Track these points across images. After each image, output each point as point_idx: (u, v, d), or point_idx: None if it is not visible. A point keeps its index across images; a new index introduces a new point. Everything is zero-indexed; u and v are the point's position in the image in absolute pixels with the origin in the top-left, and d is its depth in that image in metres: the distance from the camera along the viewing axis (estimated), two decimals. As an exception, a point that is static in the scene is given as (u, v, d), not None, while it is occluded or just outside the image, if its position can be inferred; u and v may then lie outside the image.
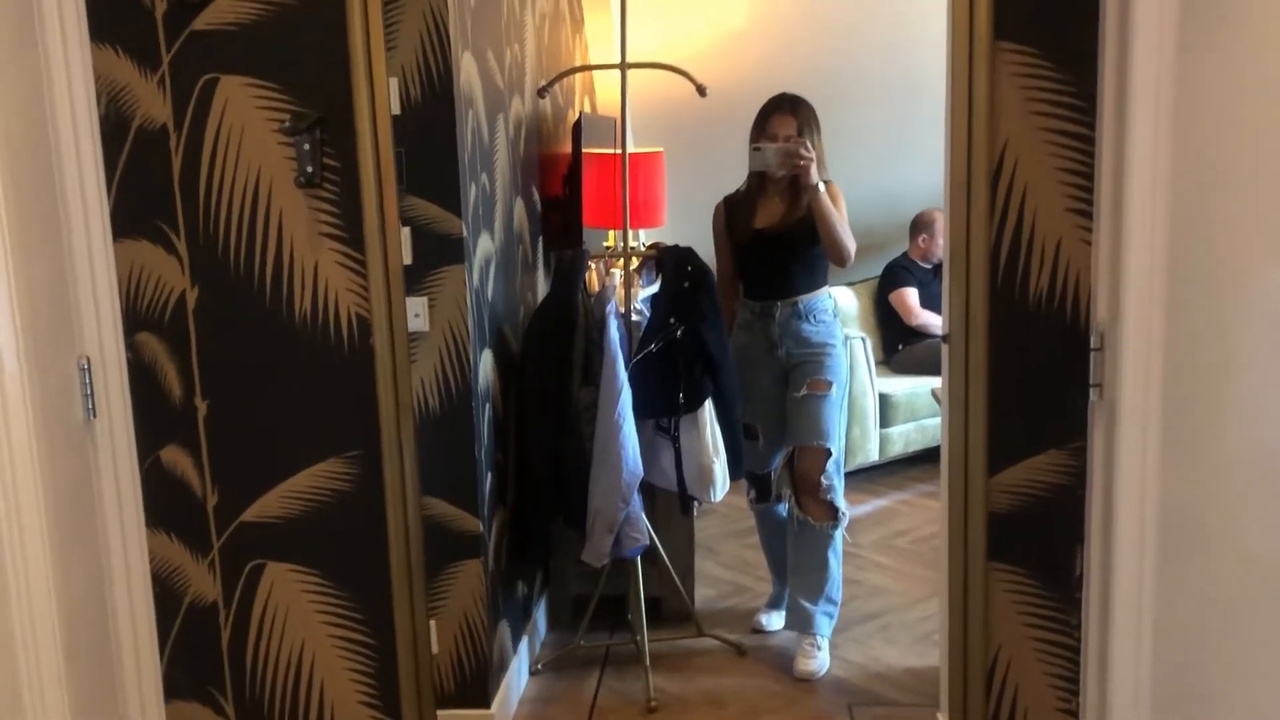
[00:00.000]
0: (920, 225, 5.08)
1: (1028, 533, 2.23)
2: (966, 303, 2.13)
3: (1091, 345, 2.02)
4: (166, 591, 2.42)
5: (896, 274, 5.10)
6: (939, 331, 2.32)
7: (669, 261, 3.03)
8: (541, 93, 3.30)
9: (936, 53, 2.25)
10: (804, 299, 3.12)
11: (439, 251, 2.42)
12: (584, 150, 3.49)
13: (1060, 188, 2.10)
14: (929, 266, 5.05)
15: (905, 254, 5.15)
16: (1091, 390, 2.03)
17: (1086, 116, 2.05)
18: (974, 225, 2.10)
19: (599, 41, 4.45)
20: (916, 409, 4.85)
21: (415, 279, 2.41)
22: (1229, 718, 1.66)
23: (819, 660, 3.07)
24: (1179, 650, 1.83)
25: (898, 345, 5.11)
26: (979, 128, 2.06)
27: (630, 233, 3.22)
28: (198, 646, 2.46)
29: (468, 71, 2.50)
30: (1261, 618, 1.56)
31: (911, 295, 5.02)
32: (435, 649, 2.53)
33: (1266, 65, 1.52)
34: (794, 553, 3.18)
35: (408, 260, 2.36)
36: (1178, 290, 1.79)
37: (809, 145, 2.95)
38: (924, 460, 4.87)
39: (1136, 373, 1.87)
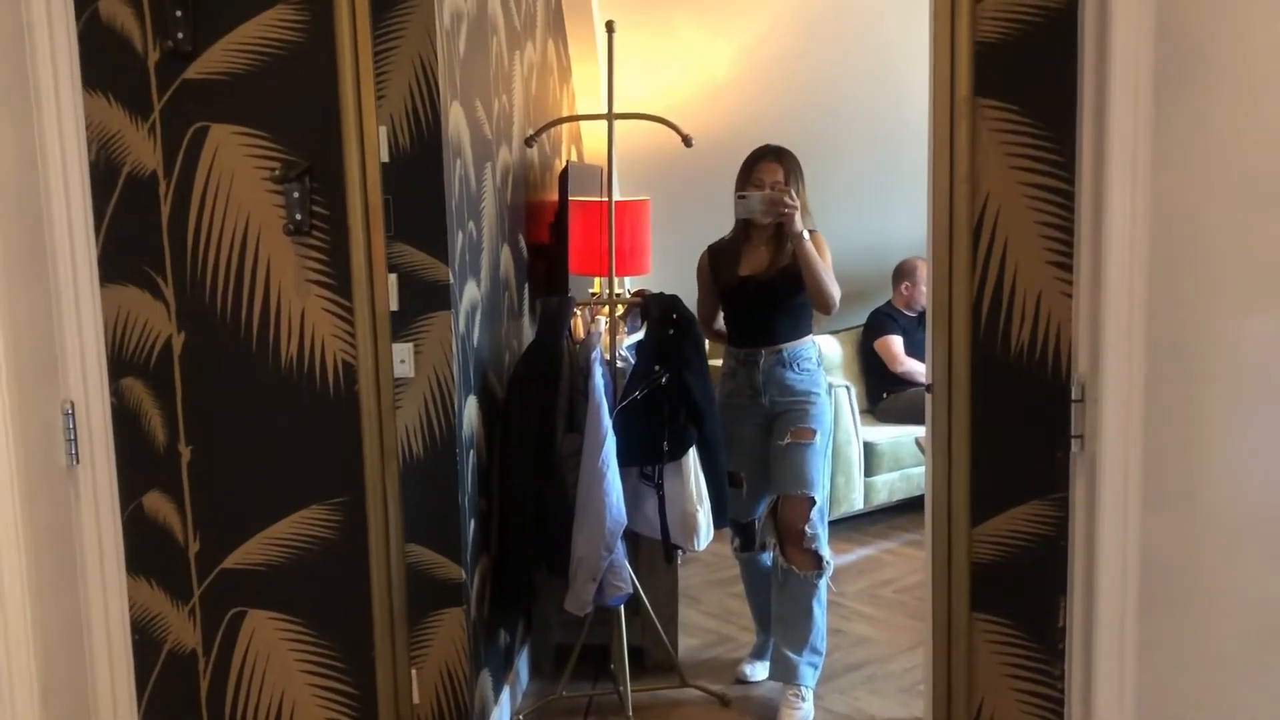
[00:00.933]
0: (903, 273, 5.12)
1: (1011, 583, 2.23)
2: (949, 354, 2.15)
3: (1072, 397, 2.04)
4: (146, 639, 2.39)
5: (880, 322, 5.13)
6: (923, 379, 2.35)
7: (654, 309, 3.05)
8: (529, 142, 3.34)
9: (918, 104, 2.29)
10: (788, 347, 3.14)
11: (426, 298, 2.43)
12: (570, 198, 3.52)
13: (1041, 241, 2.13)
14: (913, 314, 5.08)
15: (889, 302, 5.19)
16: (1073, 441, 2.05)
17: (1066, 172, 2.08)
18: (956, 278, 2.13)
19: (586, 92, 4.51)
20: (901, 457, 4.85)
21: (402, 325, 2.41)
22: (1212, 771, 1.66)
23: (803, 711, 3.05)
24: (1162, 702, 1.83)
25: (882, 394, 5.12)
26: (960, 182, 2.10)
27: (616, 280, 3.24)
28: (177, 695, 2.43)
29: (456, 121, 2.53)
30: (1243, 666, 1.57)
31: (896, 343, 5.05)
32: (416, 699, 2.51)
33: (1241, 121, 1.56)
34: (778, 602, 3.17)
35: (394, 306, 2.37)
36: (1157, 343, 1.81)
37: (794, 193, 2.99)
38: (909, 509, 4.87)
39: (1117, 424, 1.88)
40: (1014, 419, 2.18)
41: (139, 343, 2.33)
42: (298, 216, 2.23)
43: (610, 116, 3.15)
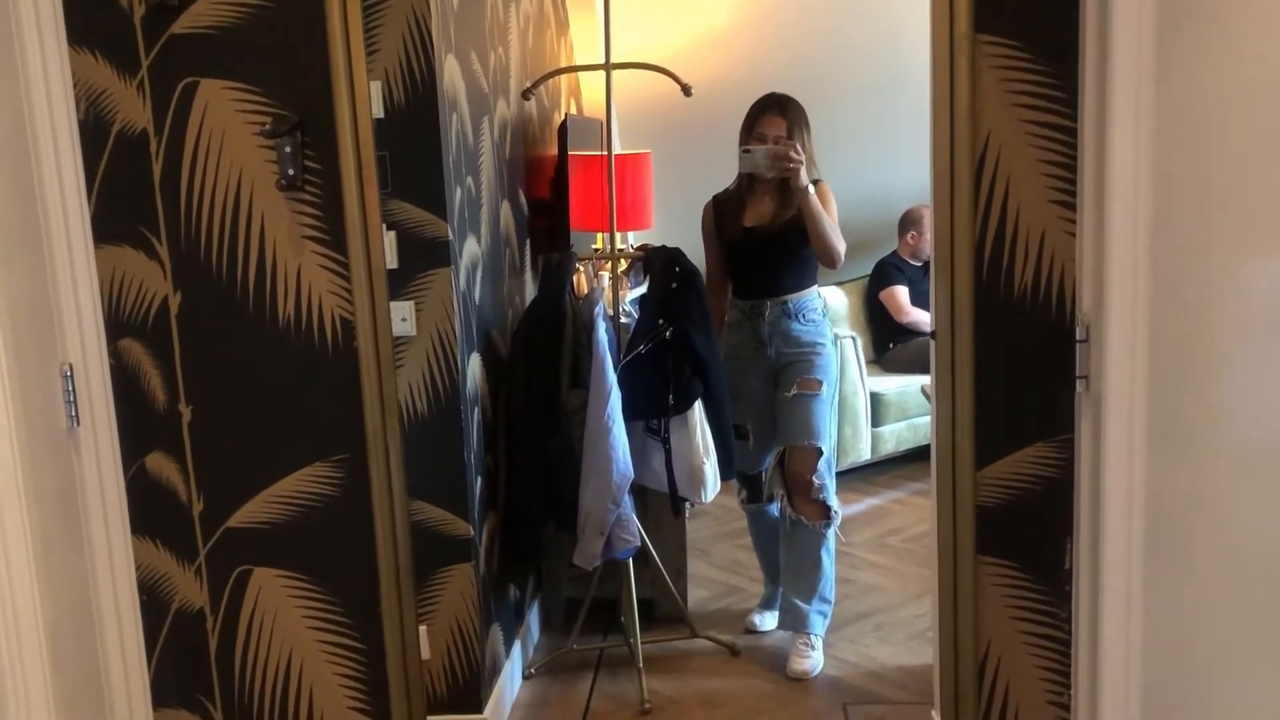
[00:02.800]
0: (908, 222, 5.08)
1: (1017, 526, 2.22)
2: (952, 298, 2.13)
3: (1077, 337, 2.01)
4: (153, 599, 2.40)
5: (886, 272, 5.10)
6: (929, 329, 2.33)
7: (657, 263, 3.02)
8: (526, 95, 3.29)
9: (919, 49, 2.25)
10: (793, 298, 3.12)
11: (425, 255, 2.41)
12: (570, 153, 3.49)
13: (1043, 180, 2.10)
14: (918, 264, 5.05)
15: (895, 252, 5.15)
16: (1078, 382, 2.02)
17: (1068, 109, 2.05)
18: (958, 220, 2.10)
19: (584, 43, 4.45)
20: (907, 407, 4.84)
21: (401, 283, 2.39)
22: (1220, 709, 1.65)
23: (813, 660, 3.06)
24: (1170, 641, 1.82)
25: (888, 344, 5.11)
26: (961, 122, 2.06)
27: (618, 235, 3.21)
28: (185, 653, 2.44)
29: (451, 74, 2.49)
30: (1251, 608, 1.56)
31: (901, 293, 5.02)
32: (427, 654, 2.52)
33: (1246, 55, 1.52)
34: (786, 552, 3.17)
35: (393, 264, 2.35)
36: (1162, 281, 1.78)
37: (798, 148, 2.94)
38: (916, 458, 4.87)
39: (1122, 364, 1.86)
40: (1018, 361, 2.16)
41: (135, 303, 2.32)
42: (290, 172, 2.20)
43: (608, 67, 3.11)
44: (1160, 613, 1.85)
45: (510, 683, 2.93)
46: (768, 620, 3.35)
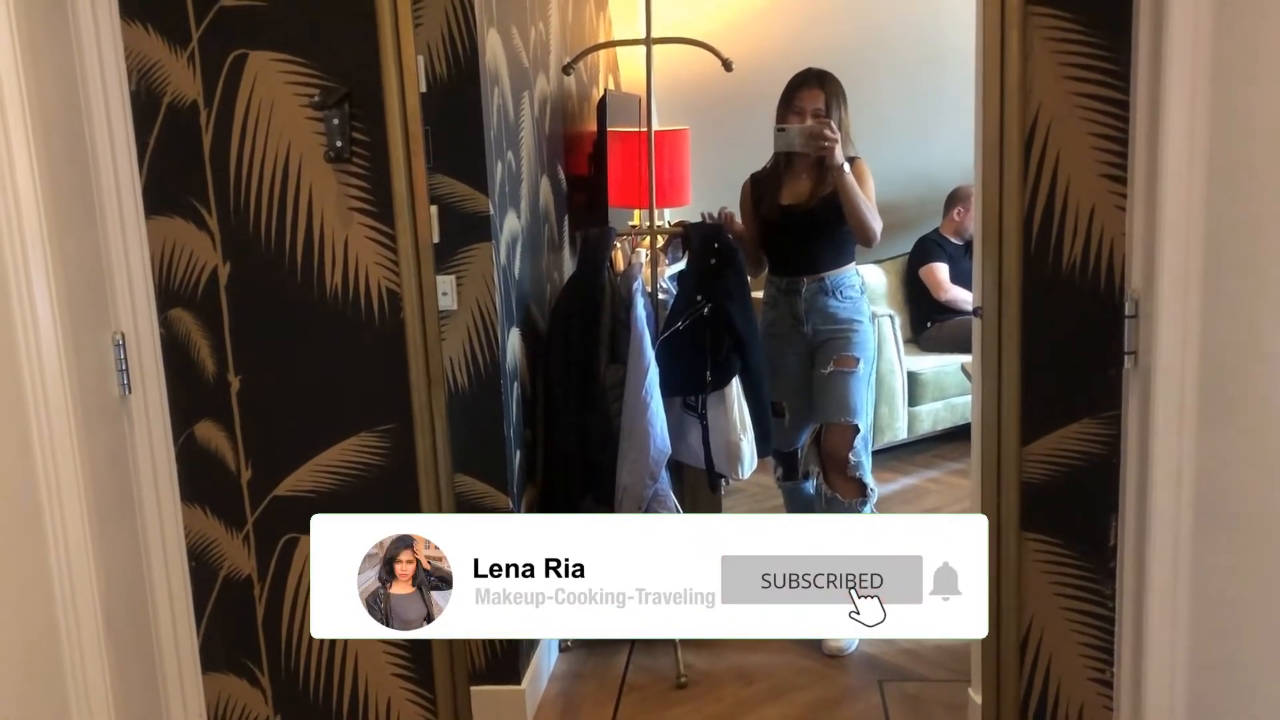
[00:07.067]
0: (957, 198, 5.04)
1: (1061, 502, 2.21)
2: (999, 271, 2.11)
3: (1126, 312, 2.00)
4: (202, 565, 2.44)
5: (928, 249, 5.07)
6: (968, 307, 2.31)
7: (695, 239, 3.02)
8: (566, 70, 3.30)
9: (963, 25, 2.23)
10: (831, 275, 3.11)
11: (466, 230, 2.42)
12: (609, 129, 3.49)
13: (1094, 153, 2.08)
14: (960, 243, 5.02)
15: (937, 229, 5.12)
16: (1126, 358, 2.01)
17: (1121, 81, 2.02)
18: (1007, 192, 2.08)
19: (623, 18, 4.45)
20: (945, 387, 4.82)
21: (443, 257, 2.41)
22: (1266, 688, 1.65)
23: (848, 636, 3.06)
24: (1215, 620, 1.81)
25: (927, 323, 5.08)
26: (1011, 94, 2.04)
27: (656, 212, 3.21)
28: (233, 619, 2.48)
29: (493, 49, 2.49)
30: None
31: (942, 270, 4.99)
32: (467, 624, 2.54)
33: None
34: (823, 529, 3.17)
35: (436, 238, 2.36)
36: (1214, 255, 1.76)
37: (834, 126, 2.93)
38: (952, 438, 4.85)
39: (1172, 340, 1.85)
40: (1065, 336, 2.15)
41: (185, 274, 2.34)
42: (338, 144, 2.21)
43: (649, 41, 3.11)
44: (1206, 591, 1.84)
45: (547, 655, 2.95)
46: (804, 597, 3.35)
